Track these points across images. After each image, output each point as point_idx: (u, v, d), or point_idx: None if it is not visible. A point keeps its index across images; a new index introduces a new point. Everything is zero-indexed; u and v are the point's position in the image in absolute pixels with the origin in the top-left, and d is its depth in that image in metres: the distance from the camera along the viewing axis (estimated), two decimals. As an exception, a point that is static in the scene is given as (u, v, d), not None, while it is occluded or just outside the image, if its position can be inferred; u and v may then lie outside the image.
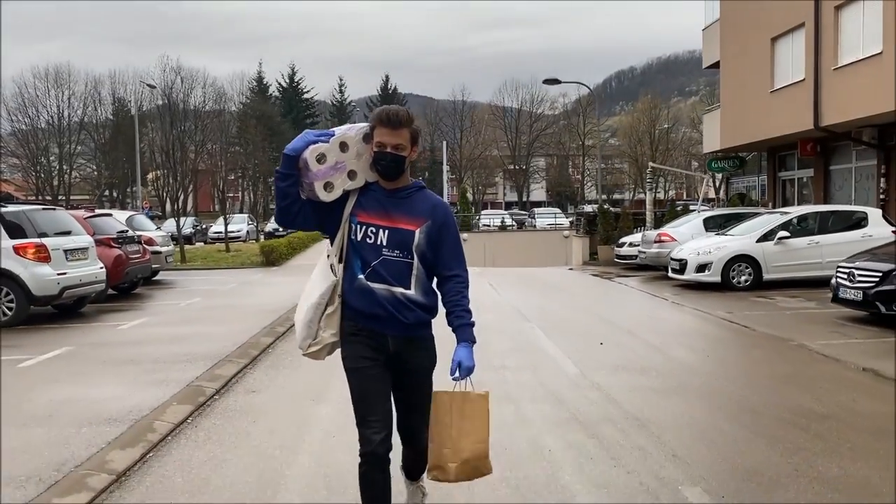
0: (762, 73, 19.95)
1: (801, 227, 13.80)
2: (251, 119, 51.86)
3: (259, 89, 67.05)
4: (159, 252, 15.65)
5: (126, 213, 16.98)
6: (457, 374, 2.86)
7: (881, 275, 9.01)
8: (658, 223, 20.92)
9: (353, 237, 2.85)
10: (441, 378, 3.05)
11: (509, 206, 68.57)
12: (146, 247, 14.39)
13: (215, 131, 51.15)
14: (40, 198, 43.79)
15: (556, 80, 27.15)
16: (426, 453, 3.01)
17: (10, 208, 10.42)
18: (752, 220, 14.61)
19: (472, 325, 2.90)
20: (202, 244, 33.83)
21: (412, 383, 2.98)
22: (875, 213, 13.98)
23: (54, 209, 11.78)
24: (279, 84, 70.98)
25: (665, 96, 76.75)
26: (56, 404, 5.67)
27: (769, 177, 23.45)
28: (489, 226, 40.92)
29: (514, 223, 44.25)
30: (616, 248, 19.29)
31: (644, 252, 16.84)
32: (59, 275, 10.07)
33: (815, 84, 17.35)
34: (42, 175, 50.71)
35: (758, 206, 20.89)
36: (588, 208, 36.02)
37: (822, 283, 11.78)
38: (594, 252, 22.03)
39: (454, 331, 2.92)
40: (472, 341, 2.90)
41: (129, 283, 13.47)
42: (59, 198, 46.23)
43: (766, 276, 13.27)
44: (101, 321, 10.44)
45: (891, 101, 14.37)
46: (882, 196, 17.31)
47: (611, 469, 4.26)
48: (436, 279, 2.94)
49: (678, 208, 24.53)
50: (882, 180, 17.44)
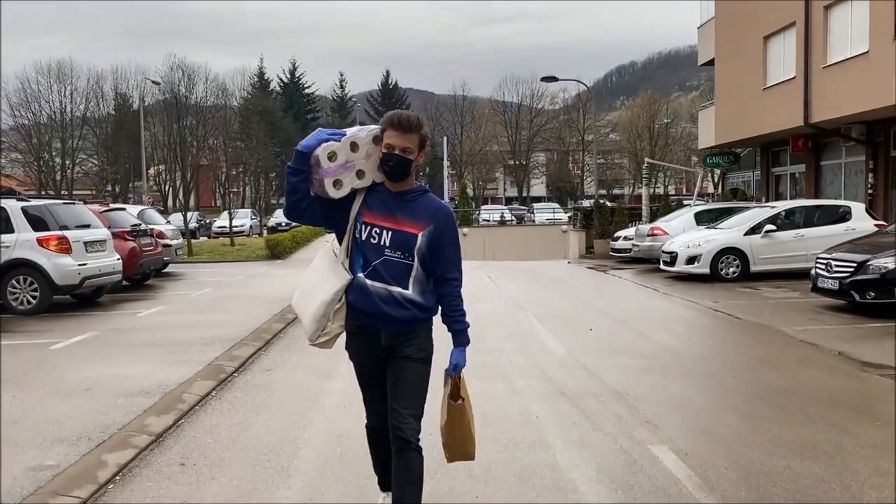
0: (755, 71, 20.46)
1: (787, 221, 14.34)
2: (253, 115, 52.33)
3: (260, 85, 67.52)
4: (169, 245, 16.23)
5: (138, 208, 17.54)
6: (454, 373, 3.04)
7: (856, 265, 9.56)
8: (654, 218, 21.26)
9: (357, 236, 2.94)
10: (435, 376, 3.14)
11: (509, 201, 69.11)
12: (158, 240, 14.96)
13: (217, 126, 51.63)
14: (42, 193, 44.28)
15: (553, 78, 27.62)
16: (419, 485, 2.99)
17: (34, 203, 11.00)
18: (741, 214, 15.16)
19: (467, 327, 3.05)
20: (206, 238, 34.43)
21: (397, 368, 2.99)
22: (858, 207, 14.53)
23: (74, 203, 12.36)
24: (280, 79, 71.47)
25: (665, 91, 77.03)
26: (91, 380, 6.25)
27: (763, 172, 23.98)
28: (489, 221, 41.44)
29: (513, 218, 44.75)
30: (611, 242, 19.69)
31: (637, 245, 17.39)
32: (79, 265, 10.65)
33: (805, 82, 17.87)
34: (45, 170, 51.13)
35: (751, 200, 21.39)
36: (586, 203, 36.46)
37: (807, 274, 12.28)
38: (590, 246, 22.56)
39: (451, 333, 3.05)
40: (467, 343, 3.05)
41: (141, 274, 14.04)
42: (63, 192, 46.66)
43: (754, 268, 13.82)
44: (119, 309, 11.01)
45: (878, 98, 14.88)
46: (870, 191, 17.86)
47: (590, 431, 4.84)
48: (433, 280, 3.00)
49: (672, 203, 25.02)
50: (870, 175, 17.97)
